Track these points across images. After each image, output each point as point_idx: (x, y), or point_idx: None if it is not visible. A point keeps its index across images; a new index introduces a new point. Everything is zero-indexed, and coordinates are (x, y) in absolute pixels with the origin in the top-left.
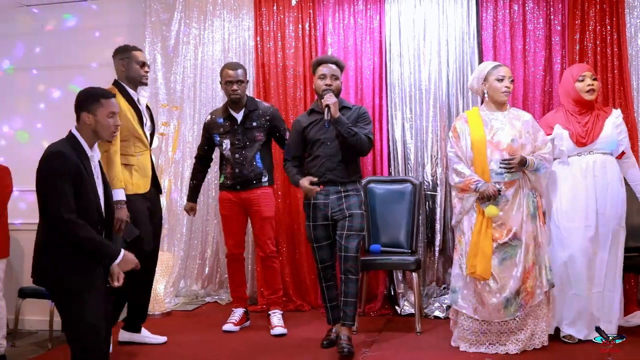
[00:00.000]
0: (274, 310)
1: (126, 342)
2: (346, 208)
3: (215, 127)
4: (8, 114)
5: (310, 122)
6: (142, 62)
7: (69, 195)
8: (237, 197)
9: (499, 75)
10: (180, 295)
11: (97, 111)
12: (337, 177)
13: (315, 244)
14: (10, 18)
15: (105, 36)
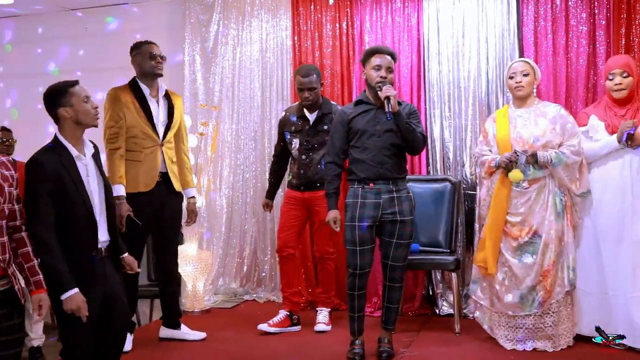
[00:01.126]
0: (321, 308)
1: (167, 338)
2: (399, 212)
3: (288, 124)
4: None
5: (357, 112)
6: (154, 54)
7: (45, 210)
8: (301, 196)
9: (511, 72)
10: (219, 293)
11: (71, 101)
12: (388, 172)
13: (359, 247)
14: (56, 22)
15: (146, 38)
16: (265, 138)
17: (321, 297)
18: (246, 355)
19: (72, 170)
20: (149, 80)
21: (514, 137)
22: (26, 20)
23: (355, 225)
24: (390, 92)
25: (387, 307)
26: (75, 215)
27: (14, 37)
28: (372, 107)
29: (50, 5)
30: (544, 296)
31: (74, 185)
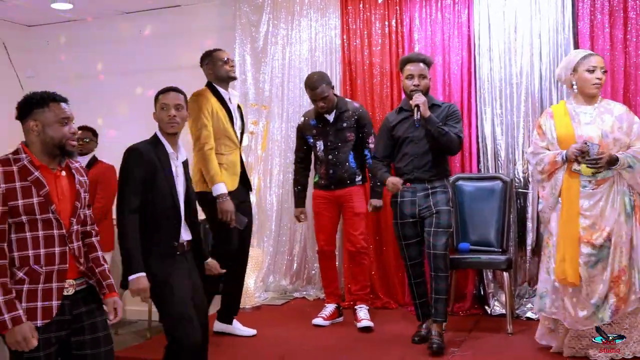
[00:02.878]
0: (360, 305)
1: (220, 332)
2: (433, 205)
3: (308, 128)
4: (109, 116)
5: (398, 120)
6: (225, 59)
7: (130, 196)
8: (331, 194)
9: (589, 66)
10: (270, 290)
11: (155, 106)
12: (424, 175)
13: (404, 241)
14: (111, 25)
15: (197, 39)
16: None
17: (359, 294)
18: (297, 350)
19: (165, 164)
20: (225, 84)
21: (579, 135)
22: (84, 23)
23: (397, 222)
24: (419, 100)
25: (435, 299)
26: (163, 205)
27: (72, 41)
28: (412, 114)
29: (107, 9)
30: (616, 304)
31: (165, 177)
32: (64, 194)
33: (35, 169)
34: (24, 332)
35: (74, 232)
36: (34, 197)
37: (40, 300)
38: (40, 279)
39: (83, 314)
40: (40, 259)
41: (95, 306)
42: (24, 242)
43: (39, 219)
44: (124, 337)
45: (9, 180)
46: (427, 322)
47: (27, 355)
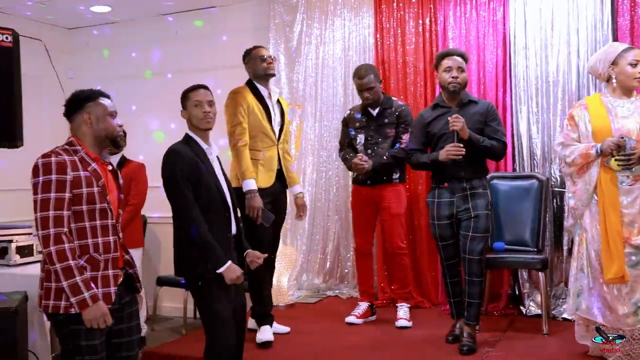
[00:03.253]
0: (401, 304)
1: (253, 329)
2: (472, 208)
3: (352, 121)
4: (147, 116)
5: (434, 116)
6: (262, 56)
7: (188, 196)
8: (369, 192)
9: (632, 59)
10: (303, 289)
11: (186, 105)
12: (462, 173)
13: (440, 242)
14: (148, 27)
15: (232, 39)
16: None
17: (399, 292)
18: (330, 348)
19: (205, 159)
20: (263, 81)
21: (616, 128)
22: (122, 26)
23: (434, 223)
24: (457, 126)
25: (468, 303)
26: (212, 199)
27: (111, 43)
28: (448, 110)
29: (144, 11)
30: None
31: (208, 172)
32: (112, 186)
33: (92, 160)
34: (102, 309)
35: (119, 222)
36: (94, 186)
37: (101, 287)
38: (100, 267)
39: (125, 304)
40: (99, 247)
41: (133, 296)
42: (84, 231)
43: (97, 209)
44: (159, 334)
45: (75, 169)
46: (460, 321)
47: (85, 343)
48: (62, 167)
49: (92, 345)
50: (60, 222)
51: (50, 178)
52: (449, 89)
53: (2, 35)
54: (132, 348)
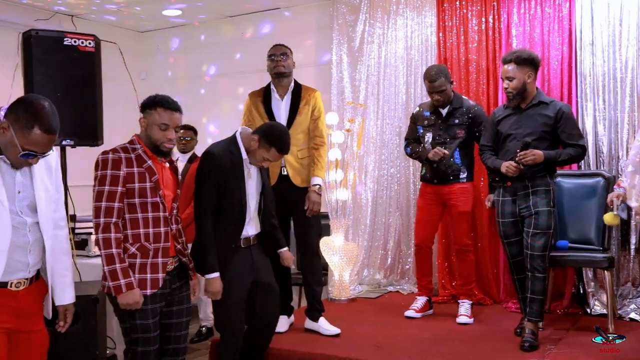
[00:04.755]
0: (463, 301)
1: (309, 329)
2: (532, 205)
3: (421, 119)
4: (214, 115)
5: (504, 115)
6: (269, 56)
7: (206, 197)
8: (436, 190)
9: None
10: (364, 284)
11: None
12: (525, 173)
13: (505, 239)
14: (216, 29)
15: (297, 40)
16: None
17: (462, 289)
18: (391, 340)
19: (238, 168)
20: (276, 80)
21: None
22: (191, 28)
23: (499, 221)
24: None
25: (531, 299)
26: (231, 210)
27: (180, 45)
28: (514, 111)
29: (212, 14)
30: None
31: (236, 181)
32: (168, 182)
33: (148, 158)
34: (135, 296)
35: (174, 215)
36: (147, 182)
37: (149, 273)
38: (150, 254)
39: (176, 289)
40: (150, 237)
41: (184, 281)
42: (136, 222)
43: (149, 202)
44: None
45: (129, 165)
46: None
47: (139, 322)
48: (117, 163)
49: (145, 324)
50: (110, 213)
51: (106, 173)
52: (508, 96)
53: (85, 41)
54: (181, 329)
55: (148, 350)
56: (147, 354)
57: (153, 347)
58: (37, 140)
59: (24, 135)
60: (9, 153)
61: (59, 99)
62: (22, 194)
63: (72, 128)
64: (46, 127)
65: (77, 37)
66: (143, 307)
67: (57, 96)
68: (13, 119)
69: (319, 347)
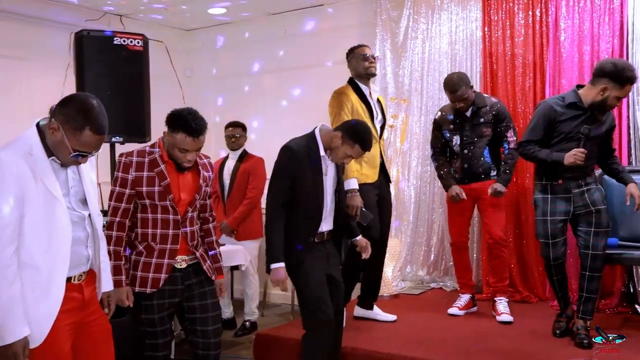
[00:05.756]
0: (499, 298)
1: (360, 317)
2: (591, 203)
3: (446, 123)
4: (257, 111)
5: (568, 115)
6: (364, 55)
7: (280, 191)
8: (466, 188)
9: None
10: (407, 280)
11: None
12: (579, 173)
13: (552, 239)
14: (259, 26)
15: (339, 36)
16: None
17: (497, 286)
18: (434, 337)
19: (316, 165)
20: (365, 80)
21: None
22: (235, 26)
23: (547, 219)
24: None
25: (587, 297)
26: (308, 205)
27: (225, 42)
28: (582, 113)
29: (256, 12)
30: None
31: (312, 177)
32: (185, 185)
33: (163, 162)
34: (121, 294)
35: (188, 218)
36: (155, 186)
37: (152, 272)
38: (155, 254)
39: (193, 285)
40: (157, 238)
41: (204, 277)
42: (146, 221)
43: (158, 205)
44: (269, 319)
45: (139, 169)
46: (567, 313)
47: (144, 316)
48: (127, 167)
49: (150, 318)
50: (115, 212)
51: (118, 175)
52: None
53: (134, 40)
54: (207, 324)
55: (156, 343)
56: (155, 347)
57: (161, 341)
58: (88, 141)
59: (75, 136)
60: (59, 153)
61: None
62: (75, 189)
63: (121, 125)
64: (97, 128)
65: (126, 36)
66: (148, 303)
67: (107, 94)
68: (63, 120)
69: (361, 342)
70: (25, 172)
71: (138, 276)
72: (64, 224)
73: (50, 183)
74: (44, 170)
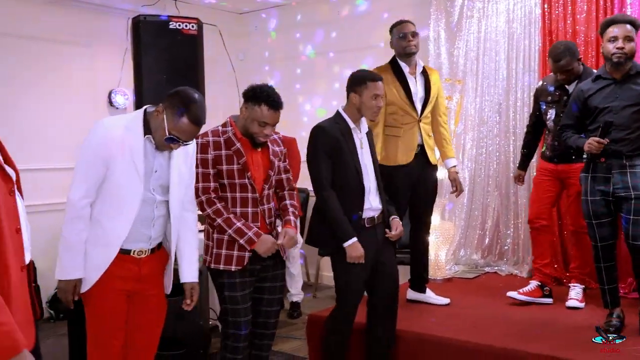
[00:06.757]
0: (574, 284)
1: (413, 300)
2: (632, 187)
3: (544, 94)
4: (310, 94)
5: (595, 89)
6: (403, 33)
7: (324, 170)
8: (554, 168)
9: None
10: (460, 264)
11: (362, 92)
12: (622, 149)
13: (594, 220)
14: (312, 9)
15: (393, 17)
16: (510, 110)
17: (574, 272)
18: (490, 321)
19: (349, 138)
20: (405, 58)
21: None
22: (288, 8)
23: (587, 199)
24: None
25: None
26: (347, 180)
27: (277, 25)
28: (611, 82)
29: None
30: None
31: (349, 152)
32: (259, 163)
33: (237, 141)
34: (268, 243)
35: (265, 196)
36: (234, 164)
37: (236, 250)
38: None
39: (269, 266)
40: (238, 216)
41: (277, 260)
42: (226, 201)
43: (237, 183)
44: (321, 301)
45: (217, 148)
46: (616, 310)
47: (227, 294)
48: (205, 147)
49: (233, 296)
50: (206, 191)
51: (197, 157)
52: (612, 60)
53: (189, 24)
54: (272, 304)
55: (238, 320)
56: (237, 324)
57: (243, 318)
58: (183, 128)
59: (173, 121)
60: (156, 135)
61: (165, 80)
62: (158, 173)
63: None
64: (194, 117)
65: (181, 20)
66: (231, 281)
67: (163, 78)
68: (167, 105)
69: (414, 325)
70: (118, 141)
71: (223, 254)
72: (135, 199)
73: (137, 159)
74: (136, 146)
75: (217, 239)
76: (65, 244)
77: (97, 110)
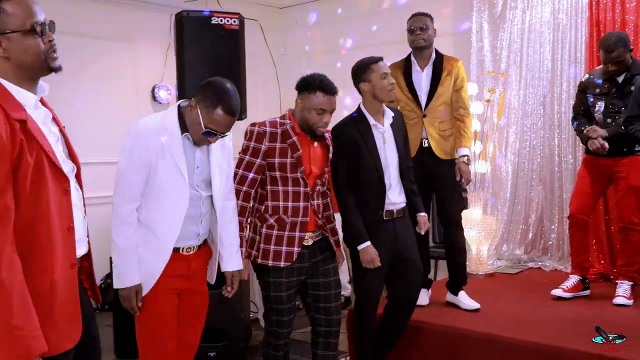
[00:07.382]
0: (622, 281)
1: (450, 302)
2: None
3: (592, 86)
4: (350, 87)
5: None
6: (411, 28)
7: (342, 172)
8: (603, 162)
9: None
10: (503, 259)
11: (370, 77)
12: None
13: None
14: (352, 2)
15: (434, 9)
16: (555, 103)
17: (622, 269)
18: (531, 319)
19: (368, 137)
20: (416, 52)
21: None
22: (328, 2)
23: None
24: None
25: None
26: (367, 179)
27: (317, 19)
28: None
29: None
30: None
31: (368, 151)
32: (315, 158)
33: (295, 134)
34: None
35: (317, 191)
36: (287, 157)
37: (285, 246)
38: (287, 227)
39: (319, 262)
40: (288, 210)
41: (329, 254)
42: (277, 194)
43: (289, 177)
44: None
45: (272, 140)
46: None
47: (273, 294)
48: (260, 137)
49: (278, 296)
50: (242, 181)
51: (249, 144)
52: None
53: (230, 19)
54: (330, 301)
55: (281, 320)
56: (281, 323)
57: (287, 317)
58: (219, 120)
59: (208, 114)
60: (192, 130)
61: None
62: (200, 169)
63: None
64: (228, 108)
65: (223, 15)
66: (277, 280)
67: (205, 73)
68: (200, 98)
69: (456, 320)
70: (157, 143)
71: (271, 250)
72: (182, 199)
73: (179, 158)
74: (175, 145)
75: (266, 234)
76: (118, 251)
77: (141, 105)
